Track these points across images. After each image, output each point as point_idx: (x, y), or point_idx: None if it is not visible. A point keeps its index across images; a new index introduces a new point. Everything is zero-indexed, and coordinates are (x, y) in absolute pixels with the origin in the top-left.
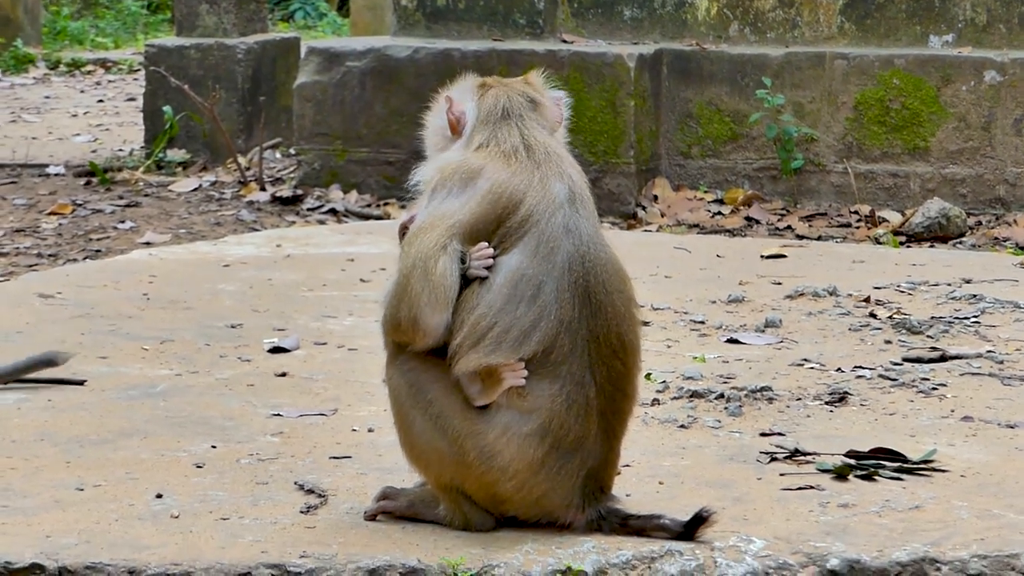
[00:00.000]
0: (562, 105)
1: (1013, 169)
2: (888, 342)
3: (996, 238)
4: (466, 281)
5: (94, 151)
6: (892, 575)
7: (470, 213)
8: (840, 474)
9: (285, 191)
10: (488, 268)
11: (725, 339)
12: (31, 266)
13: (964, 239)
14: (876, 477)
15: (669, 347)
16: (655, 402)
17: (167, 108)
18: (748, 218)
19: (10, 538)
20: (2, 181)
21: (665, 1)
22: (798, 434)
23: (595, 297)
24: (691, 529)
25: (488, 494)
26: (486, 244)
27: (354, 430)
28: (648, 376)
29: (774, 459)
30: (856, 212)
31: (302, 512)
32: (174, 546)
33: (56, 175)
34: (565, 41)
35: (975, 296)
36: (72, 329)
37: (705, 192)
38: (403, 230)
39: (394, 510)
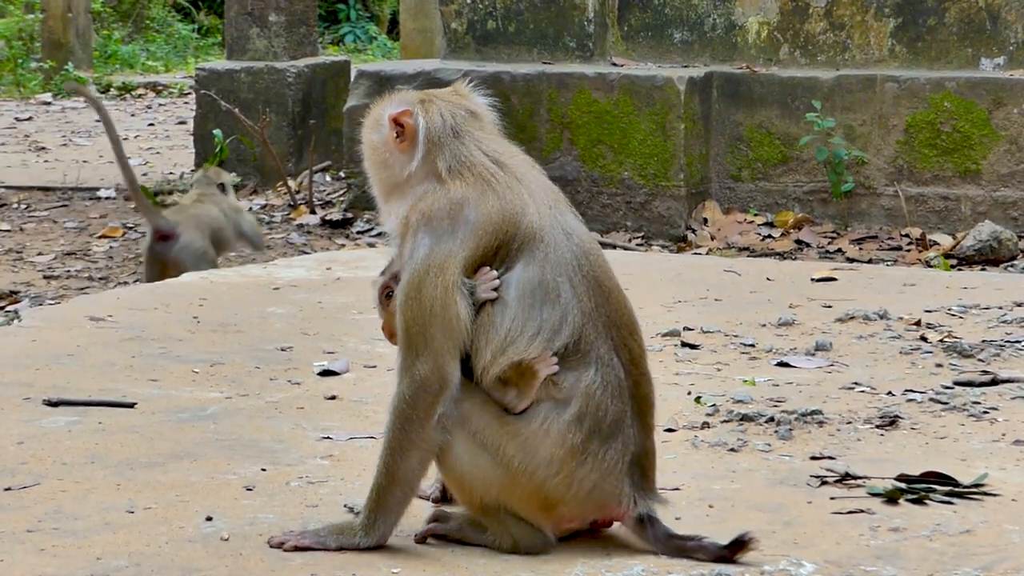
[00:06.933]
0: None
1: None
2: (939, 366)
3: None
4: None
5: (145, 174)
6: None
7: (472, 247)
8: (891, 498)
9: (335, 214)
10: (495, 288)
11: (775, 362)
12: (82, 289)
13: (1015, 262)
14: (927, 501)
15: (719, 370)
16: (705, 425)
17: (217, 131)
18: (798, 241)
19: (61, 560)
20: (53, 204)
21: (715, 24)
22: (848, 458)
23: (604, 285)
24: (732, 552)
25: (539, 500)
26: (488, 268)
27: None
28: (698, 400)
29: (824, 483)
30: (907, 235)
31: None
32: (224, 569)
33: (107, 198)
34: (615, 64)
35: None
36: (123, 352)
37: (755, 215)
38: (385, 290)
39: (444, 533)
